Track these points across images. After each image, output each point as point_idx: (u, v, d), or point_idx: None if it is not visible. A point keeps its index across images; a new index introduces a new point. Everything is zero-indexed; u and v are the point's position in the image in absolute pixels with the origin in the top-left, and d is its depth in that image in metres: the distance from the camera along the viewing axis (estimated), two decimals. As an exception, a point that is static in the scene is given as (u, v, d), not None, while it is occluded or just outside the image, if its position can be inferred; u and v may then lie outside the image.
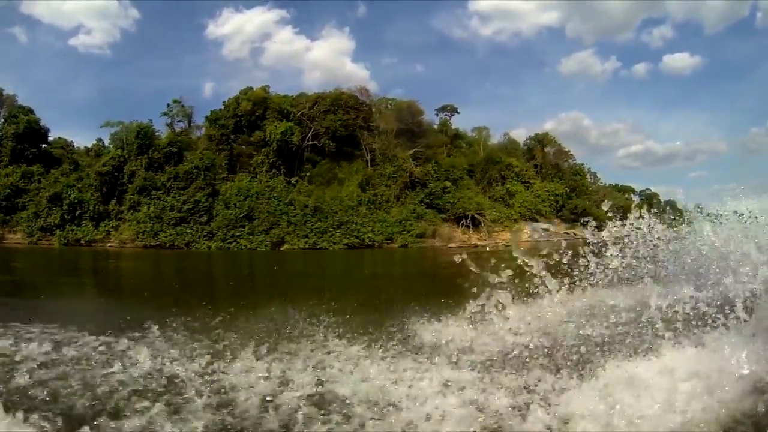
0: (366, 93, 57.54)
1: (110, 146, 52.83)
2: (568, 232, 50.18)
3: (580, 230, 43.72)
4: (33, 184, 49.04)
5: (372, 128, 54.33)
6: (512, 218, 54.32)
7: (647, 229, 6.07)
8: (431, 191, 52.21)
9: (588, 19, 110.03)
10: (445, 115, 64.29)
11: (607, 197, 62.94)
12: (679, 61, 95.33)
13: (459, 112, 64.91)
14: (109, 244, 46.00)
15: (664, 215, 6.52)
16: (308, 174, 51.13)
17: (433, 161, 54.41)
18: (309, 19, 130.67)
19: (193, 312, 7.48)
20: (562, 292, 5.39)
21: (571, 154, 66.98)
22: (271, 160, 50.18)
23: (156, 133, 52.08)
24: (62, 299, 12.40)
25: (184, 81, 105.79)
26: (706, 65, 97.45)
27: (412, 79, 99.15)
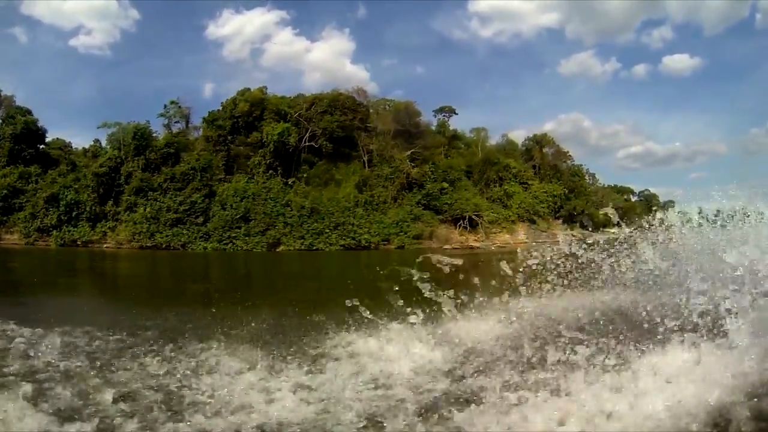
0: (363, 94, 57.64)
1: (107, 147, 52.81)
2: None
3: (578, 230, 43.60)
4: (30, 185, 48.99)
5: (369, 129, 54.19)
6: (510, 219, 54.20)
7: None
8: (428, 192, 52.03)
9: (588, 20, 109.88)
10: (443, 116, 64.16)
11: (606, 198, 63.11)
12: (679, 62, 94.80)
13: (457, 113, 64.73)
14: (105, 245, 45.94)
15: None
16: (305, 175, 51.04)
17: (430, 162, 54.21)
18: (309, 21, 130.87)
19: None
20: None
21: (569, 155, 66.97)
22: (268, 161, 50.11)
23: (153, 134, 52.08)
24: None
25: (184, 82, 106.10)
26: (706, 66, 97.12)
27: (412, 81, 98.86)
